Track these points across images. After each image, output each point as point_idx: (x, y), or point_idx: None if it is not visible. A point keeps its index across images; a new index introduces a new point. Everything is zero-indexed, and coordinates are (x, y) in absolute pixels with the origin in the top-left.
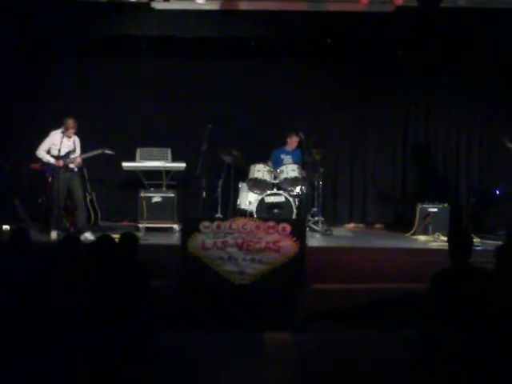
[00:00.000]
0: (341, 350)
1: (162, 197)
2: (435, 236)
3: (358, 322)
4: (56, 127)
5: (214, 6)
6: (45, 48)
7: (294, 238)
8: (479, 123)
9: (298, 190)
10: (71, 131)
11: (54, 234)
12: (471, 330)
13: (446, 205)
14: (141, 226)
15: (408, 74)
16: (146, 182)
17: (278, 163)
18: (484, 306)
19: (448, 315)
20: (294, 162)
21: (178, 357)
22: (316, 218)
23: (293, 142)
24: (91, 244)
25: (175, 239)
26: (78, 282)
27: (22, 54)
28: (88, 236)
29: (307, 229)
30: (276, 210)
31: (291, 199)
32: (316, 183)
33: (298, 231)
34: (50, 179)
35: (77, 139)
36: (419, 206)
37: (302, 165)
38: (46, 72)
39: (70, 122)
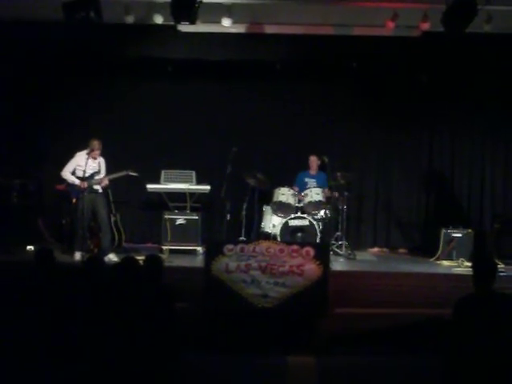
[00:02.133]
0: (363, 374)
1: (186, 219)
2: (459, 261)
3: (380, 347)
4: (81, 149)
5: (240, 30)
6: (71, 70)
7: (318, 262)
8: (504, 149)
9: (322, 213)
10: (96, 152)
11: (77, 255)
12: (495, 356)
13: (470, 230)
14: (165, 248)
15: (433, 101)
16: (170, 204)
17: (302, 186)
18: (508, 332)
19: (472, 341)
20: (319, 186)
21: (201, 380)
22: (340, 242)
23: (312, 162)
24: (115, 266)
25: (199, 262)
26: (103, 304)
27: (49, 76)
28: (112, 258)
29: (331, 253)
30: (300, 234)
31: (315, 223)
32: (340, 207)
33: (322, 255)
34: (74, 200)
35: (102, 160)
36: (443, 231)
37: (327, 188)
38: (72, 93)
39: (96, 143)
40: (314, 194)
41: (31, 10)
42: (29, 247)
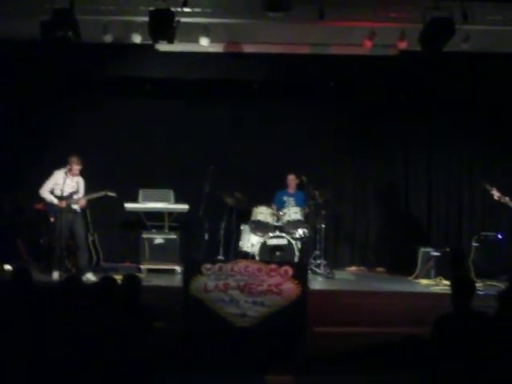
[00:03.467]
0: None
1: (164, 238)
2: (437, 280)
3: (359, 366)
4: (59, 167)
5: (218, 49)
6: (48, 88)
7: (296, 281)
8: (481, 168)
9: (300, 232)
10: (76, 168)
11: (55, 275)
12: (474, 373)
13: (448, 249)
14: (143, 267)
15: (410, 119)
16: (148, 224)
17: (280, 205)
18: (486, 350)
19: (451, 359)
20: (297, 205)
21: None
22: (318, 261)
23: (291, 181)
24: (93, 285)
25: (177, 281)
26: (80, 324)
27: (26, 95)
28: (90, 277)
29: (309, 272)
30: (278, 253)
31: (293, 242)
32: (318, 226)
33: (300, 274)
34: (52, 219)
35: (80, 180)
36: (421, 250)
37: (305, 207)
38: (49, 112)
39: (74, 159)
40: (293, 212)
41: (9, 28)
42: (7, 266)
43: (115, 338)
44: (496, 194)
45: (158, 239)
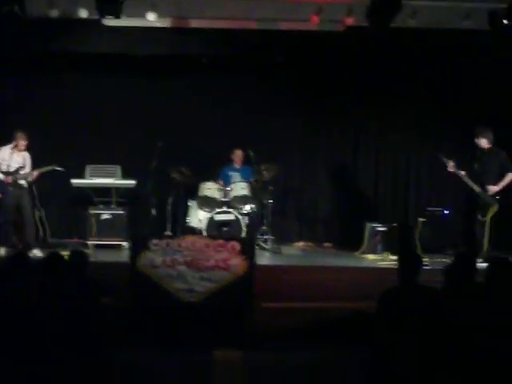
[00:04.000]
0: (291, 368)
1: (111, 214)
2: (384, 255)
3: (306, 341)
4: (5, 143)
5: (165, 24)
6: None
7: (244, 257)
8: (429, 143)
9: (247, 208)
10: (22, 143)
11: (2, 250)
12: (419, 348)
13: (394, 224)
14: (90, 243)
15: (358, 94)
16: (95, 199)
17: (226, 180)
18: (432, 325)
19: (396, 334)
20: (243, 179)
21: (126, 375)
22: (265, 237)
23: (236, 156)
24: (40, 261)
25: (124, 257)
26: (27, 299)
27: None
28: (36, 253)
29: (256, 247)
30: (225, 228)
31: (241, 217)
32: (265, 201)
33: (247, 249)
34: None
35: (27, 155)
36: (368, 225)
37: (252, 182)
38: None
39: (20, 134)
40: (240, 188)
41: None
42: None
43: (62, 314)
44: (451, 166)
45: (105, 215)
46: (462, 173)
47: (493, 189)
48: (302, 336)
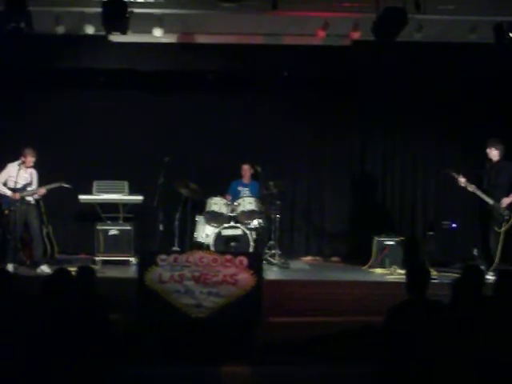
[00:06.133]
0: (298, 382)
1: (118, 230)
2: (392, 269)
3: (314, 356)
4: (12, 160)
5: (172, 39)
6: (1, 81)
7: (251, 271)
8: (436, 156)
9: (255, 222)
10: (30, 160)
11: (10, 267)
12: (427, 362)
13: (402, 238)
14: (97, 259)
15: (365, 109)
16: (102, 215)
17: (235, 195)
18: (440, 339)
19: (404, 348)
20: (252, 195)
21: None
22: (273, 251)
23: (245, 171)
24: (47, 277)
25: (132, 272)
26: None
27: None
28: (44, 269)
29: (264, 262)
30: (233, 243)
31: (248, 232)
32: (273, 216)
33: (255, 264)
34: (6, 212)
35: (34, 172)
36: (376, 239)
37: (260, 197)
38: (3, 104)
39: (29, 151)
40: (247, 203)
41: None
42: None
43: (69, 329)
44: (462, 181)
45: (113, 230)
46: (473, 187)
47: (506, 201)
48: (310, 351)
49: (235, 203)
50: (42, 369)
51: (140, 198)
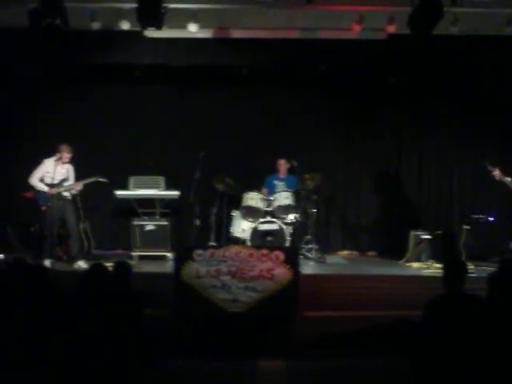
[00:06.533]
0: (334, 377)
1: (155, 225)
2: (428, 263)
3: (351, 350)
4: (48, 156)
5: (207, 35)
6: (37, 77)
7: (288, 266)
8: (472, 150)
9: (291, 217)
10: (66, 156)
11: (47, 263)
12: (464, 356)
13: (439, 232)
14: (134, 254)
15: (400, 102)
16: (139, 210)
17: (271, 189)
18: (477, 333)
19: (441, 342)
20: (288, 189)
21: None
22: (309, 246)
23: (281, 166)
24: (85, 272)
25: (169, 267)
26: (72, 311)
27: (16, 83)
28: (81, 264)
29: (300, 256)
30: (269, 238)
31: (284, 227)
32: (309, 210)
33: (292, 259)
34: (43, 207)
35: (70, 167)
36: (412, 233)
37: (296, 192)
38: (39, 100)
39: (65, 147)
40: (283, 197)
41: None
42: None
43: (105, 325)
44: (497, 175)
45: (149, 226)
46: (509, 179)
47: None
48: (346, 345)
49: (271, 198)
50: (79, 364)
51: (176, 193)
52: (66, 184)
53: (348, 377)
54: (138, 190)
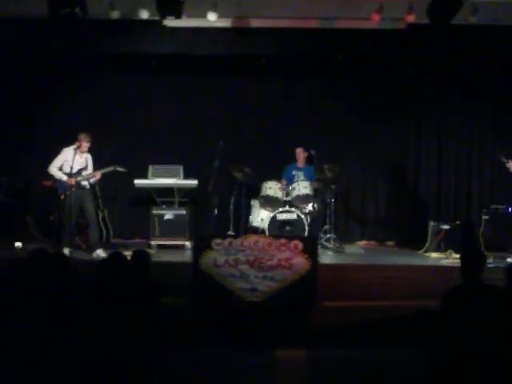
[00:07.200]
0: (352, 366)
1: (173, 214)
2: (447, 253)
3: (369, 340)
4: (67, 144)
5: (226, 24)
6: (56, 66)
7: (306, 256)
8: (491, 141)
9: (309, 207)
10: (85, 145)
11: (66, 251)
12: (482, 347)
13: (458, 222)
14: (153, 243)
15: (419, 92)
16: (158, 200)
17: (289, 179)
18: (495, 323)
19: (460, 333)
20: (306, 179)
21: (188, 374)
22: (328, 236)
23: (299, 155)
24: (103, 261)
25: (187, 256)
26: (90, 300)
27: (35, 72)
28: (100, 253)
29: (319, 246)
30: (288, 228)
31: (303, 216)
32: (328, 200)
33: (310, 248)
34: (62, 196)
35: (89, 156)
36: (431, 224)
37: (314, 182)
38: (58, 90)
39: (84, 136)
40: (302, 187)
41: (14, 6)
42: (17, 244)
43: (124, 313)
44: (511, 167)
45: (168, 215)
46: None
47: None
48: (364, 334)
49: (290, 187)
50: (95, 352)
51: (195, 182)
52: (84, 173)
53: (366, 366)
54: (157, 179)
